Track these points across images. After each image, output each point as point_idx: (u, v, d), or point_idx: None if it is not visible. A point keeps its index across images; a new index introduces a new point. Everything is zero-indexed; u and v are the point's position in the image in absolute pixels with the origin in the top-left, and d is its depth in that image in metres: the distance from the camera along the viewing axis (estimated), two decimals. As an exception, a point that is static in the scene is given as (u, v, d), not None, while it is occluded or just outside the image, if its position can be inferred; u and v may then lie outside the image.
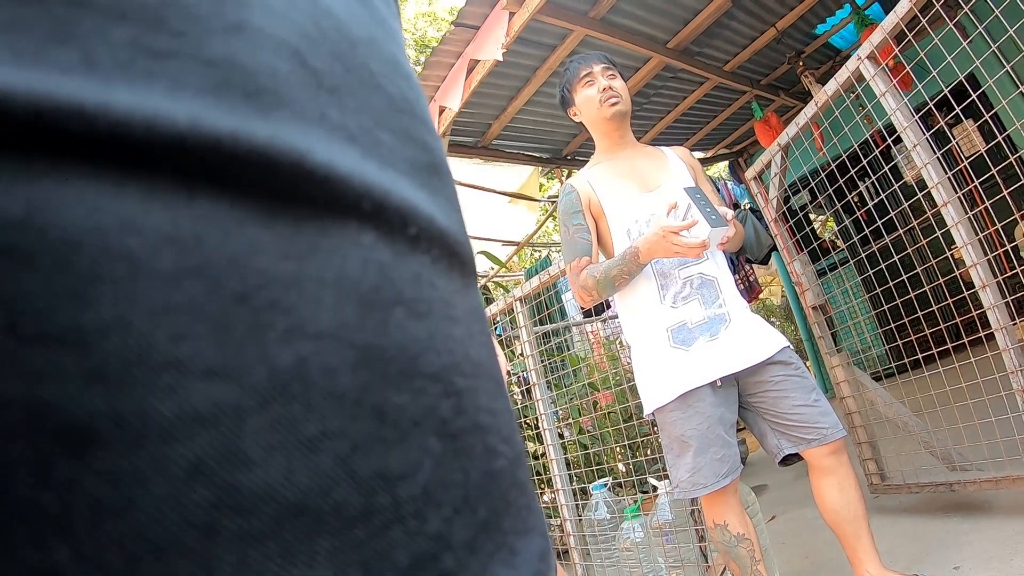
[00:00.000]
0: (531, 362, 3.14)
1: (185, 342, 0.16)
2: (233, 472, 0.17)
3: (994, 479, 2.26)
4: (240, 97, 0.18)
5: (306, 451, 0.18)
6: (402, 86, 0.25)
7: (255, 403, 0.17)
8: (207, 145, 0.17)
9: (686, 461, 1.89)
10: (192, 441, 0.16)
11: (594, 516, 2.81)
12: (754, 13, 4.31)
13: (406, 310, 0.21)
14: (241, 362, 0.17)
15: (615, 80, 2.11)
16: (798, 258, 3.01)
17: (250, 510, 0.17)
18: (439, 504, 0.20)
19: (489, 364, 0.25)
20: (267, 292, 0.18)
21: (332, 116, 0.21)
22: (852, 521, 1.90)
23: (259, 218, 0.18)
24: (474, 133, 4.78)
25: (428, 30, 14.22)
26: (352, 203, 0.20)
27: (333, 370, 0.19)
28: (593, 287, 1.96)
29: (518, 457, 0.25)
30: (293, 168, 0.19)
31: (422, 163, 0.24)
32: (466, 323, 0.24)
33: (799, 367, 1.95)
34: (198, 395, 0.16)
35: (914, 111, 2.32)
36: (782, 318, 9.67)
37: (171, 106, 0.17)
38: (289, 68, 0.20)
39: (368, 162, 0.21)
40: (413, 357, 0.21)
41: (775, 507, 3.51)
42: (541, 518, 0.25)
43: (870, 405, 2.87)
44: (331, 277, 0.19)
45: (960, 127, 5.25)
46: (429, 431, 0.21)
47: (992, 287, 2.17)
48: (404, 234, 0.22)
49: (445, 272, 0.24)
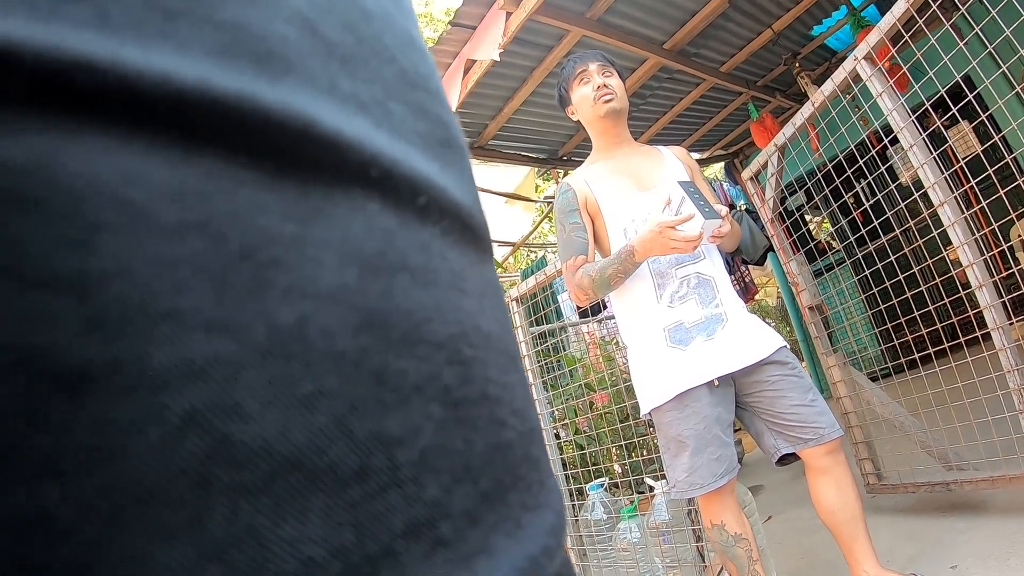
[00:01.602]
0: (527, 362, 3.14)
1: (185, 294, 0.16)
2: (227, 424, 0.17)
3: (990, 478, 2.26)
4: (250, 61, 0.19)
5: (302, 408, 0.18)
6: (416, 60, 0.25)
7: (253, 358, 0.17)
8: (214, 104, 0.17)
9: (683, 461, 1.89)
10: (188, 391, 0.16)
11: (591, 516, 2.81)
12: (750, 14, 4.32)
13: (411, 277, 0.21)
14: (240, 317, 0.17)
15: (611, 78, 2.11)
16: (794, 259, 3.01)
17: (243, 463, 0.17)
18: (438, 471, 0.20)
19: (502, 338, 0.25)
20: (269, 251, 0.18)
21: (343, 85, 0.21)
22: (849, 521, 1.90)
23: (264, 179, 0.18)
24: (470, 133, 4.78)
25: (425, 30, 14.23)
26: (359, 170, 0.20)
27: (333, 331, 0.19)
28: (589, 286, 1.96)
29: (531, 432, 0.25)
30: (300, 132, 0.19)
31: (435, 137, 0.24)
32: (478, 296, 0.24)
33: (796, 367, 1.95)
34: (196, 347, 0.16)
35: (910, 111, 2.32)
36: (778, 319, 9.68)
37: (181, 64, 0.17)
38: (300, 35, 0.20)
39: (378, 131, 0.21)
40: (417, 324, 0.21)
41: (772, 507, 3.51)
42: (557, 496, 0.25)
43: (866, 405, 2.88)
44: (334, 240, 0.19)
45: (956, 128, 5.26)
46: (431, 397, 0.21)
47: (988, 287, 2.17)
48: (413, 203, 0.22)
49: (456, 244, 0.23)
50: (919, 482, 2.57)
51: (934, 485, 2.51)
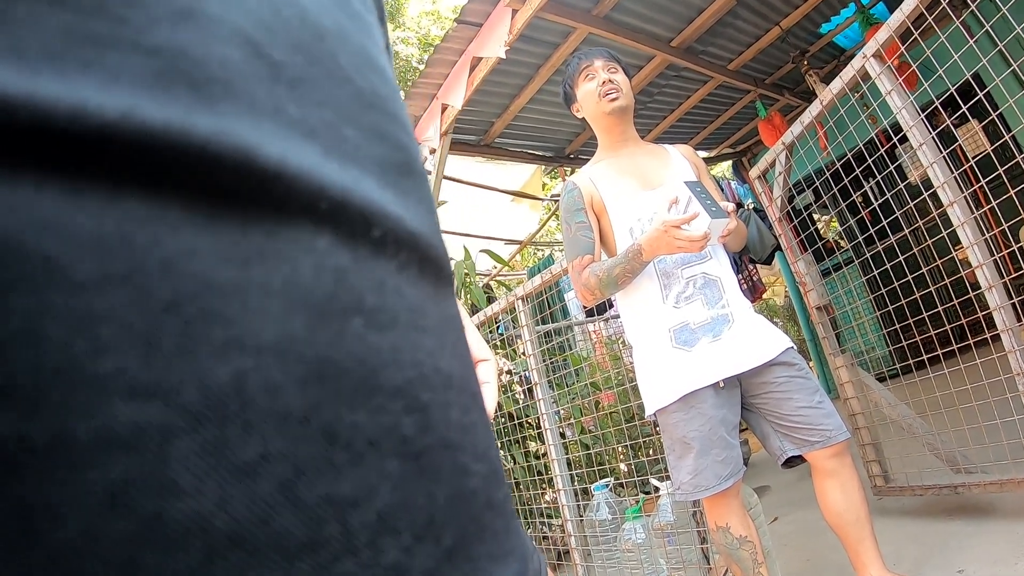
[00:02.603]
0: (533, 361, 3.13)
1: (106, 356, 0.15)
2: (157, 502, 0.15)
3: (999, 482, 2.24)
4: (184, 88, 0.17)
5: (243, 477, 0.16)
6: (374, 80, 0.24)
7: (184, 424, 0.16)
8: (139, 139, 0.16)
9: (688, 463, 1.87)
10: (111, 467, 0.15)
11: (595, 517, 2.80)
12: (759, 12, 4.30)
13: (366, 320, 0.19)
14: (169, 379, 0.16)
15: (616, 75, 2.09)
16: (802, 258, 2.99)
17: (177, 544, 0.15)
18: (397, 532, 0.19)
19: (463, 376, 0.23)
20: (202, 301, 0.16)
21: (290, 110, 0.19)
22: (855, 523, 1.88)
23: (197, 219, 0.17)
24: (477, 131, 4.77)
25: (432, 28, 14.22)
26: (307, 203, 0.19)
27: (277, 387, 0.17)
28: (596, 286, 1.94)
29: (493, 474, 0.23)
30: (239, 165, 0.17)
31: (392, 162, 0.23)
32: (437, 333, 0.22)
33: (803, 368, 1.94)
34: (120, 416, 0.15)
35: (920, 110, 2.30)
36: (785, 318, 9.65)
37: (102, 97, 0.15)
38: (243, 58, 0.19)
39: (329, 159, 0.20)
40: (372, 371, 0.19)
41: (778, 509, 3.49)
42: (520, 539, 0.24)
43: (874, 406, 2.86)
44: (278, 284, 0.18)
45: (966, 127, 5.22)
46: (388, 452, 0.19)
47: (998, 288, 2.15)
48: (367, 237, 0.20)
49: (415, 278, 0.22)
50: (926, 484, 2.55)
51: (942, 488, 2.49)
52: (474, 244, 6.16)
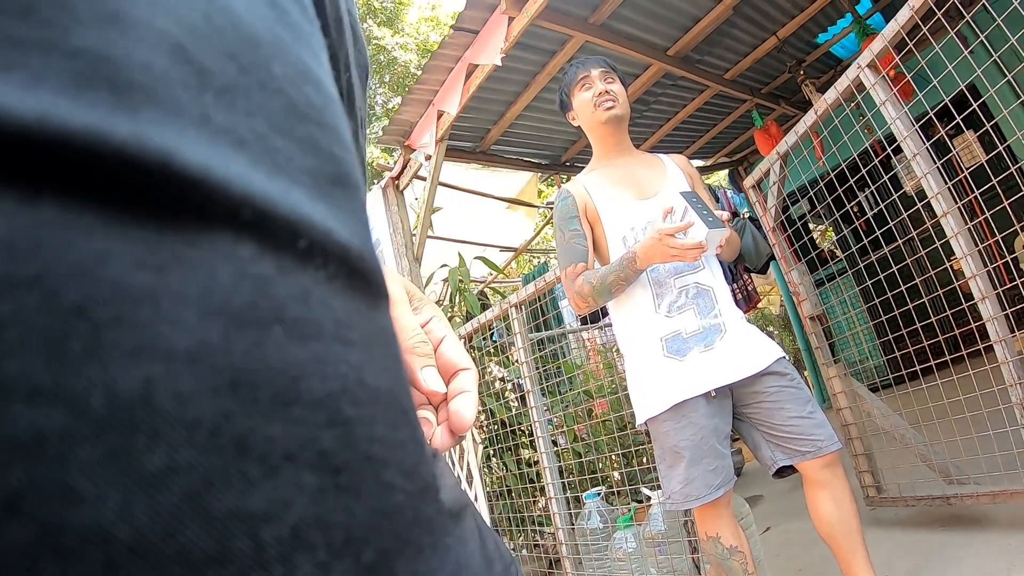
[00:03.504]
0: (526, 369, 3.13)
1: (10, 359, 0.14)
2: (56, 509, 0.15)
3: (991, 493, 2.24)
4: (105, 92, 0.17)
5: (148, 487, 0.16)
6: (308, 92, 0.23)
7: (88, 431, 0.15)
8: (55, 142, 0.16)
9: (679, 472, 1.87)
10: (9, 473, 0.14)
11: (587, 525, 2.80)
12: (755, 21, 4.31)
13: (287, 330, 0.19)
14: (74, 384, 0.15)
15: (613, 84, 2.09)
16: (796, 268, 3.00)
17: (75, 553, 0.15)
18: (313, 547, 0.18)
19: (391, 391, 0.23)
20: (113, 306, 0.16)
21: (217, 118, 0.19)
22: (847, 534, 1.87)
23: (112, 224, 0.16)
24: (472, 138, 4.78)
25: (431, 35, 14.26)
26: (229, 211, 0.18)
27: (187, 396, 0.17)
28: (589, 293, 1.94)
29: (423, 491, 0.23)
30: (158, 170, 0.17)
31: (325, 174, 0.22)
32: (365, 347, 0.22)
33: (794, 378, 1.93)
34: (20, 420, 0.14)
35: (914, 120, 2.31)
36: (780, 328, 9.67)
37: (20, 99, 0.15)
38: (168, 64, 0.18)
39: (256, 169, 0.19)
40: (291, 382, 0.19)
41: (769, 519, 3.49)
42: (453, 555, 0.24)
43: (867, 417, 2.85)
44: (195, 291, 0.17)
45: (961, 137, 5.24)
46: (305, 465, 0.19)
47: (991, 299, 2.15)
48: (292, 247, 0.20)
49: (343, 290, 0.22)
50: (919, 495, 2.55)
51: (934, 499, 2.48)
52: (469, 251, 6.16)
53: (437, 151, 4.07)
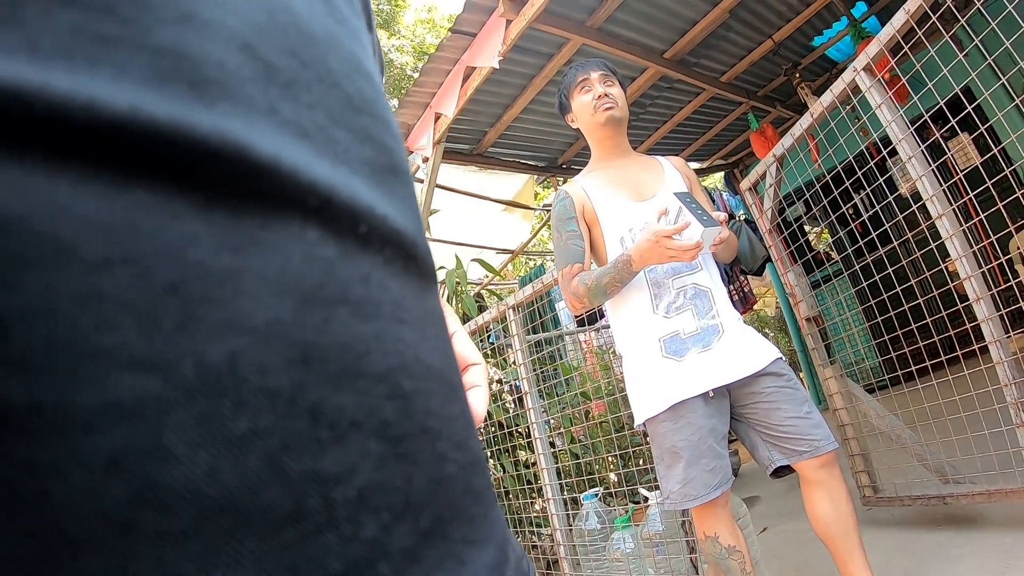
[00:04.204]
0: (523, 371, 3.13)
1: (110, 331, 0.16)
2: (154, 467, 0.16)
3: (987, 492, 2.25)
4: (185, 87, 0.18)
5: (233, 449, 0.17)
6: (362, 85, 0.25)
7: (181, 397, 0.17)
8: (145, 133, 0.17)
9: (677, 472, 1.87)
10: (112, 434, 0.15)
11: (584, 526, 2.80)
12: (751, 25, 4.33)
13: (351, 309, 0.20)
14: (168, 354, 0.16)
15: (612, 87, 2.10)
16: (792, 269, 3.01)
17: (170, 507, 0.16)
18: (377, 509, 0.20)
19: (443, 368, 0.24)
20: (201, 284, 0.17)
21: (283, 111, 0.20)
22: (844, 534, 1.88)
23: (196, 209, 0.18)
24: (469, 140, 4.78)
25: (427, 37, 14.26)
26: (297, 198, 0.20)
27: (267, 367, 0.18)
28: (585, 294, 1.95)
29: (473, 464, 0.24)
30: (235, 160, 0.18)
31: (379, 164, 0.24)
32: (419, 326, 0.23)
33: (791, 379, 1.94)
34: (121, 386, 0.16)
35: (910, 123, 2.32)
36: (776, 329, 9.69)
37: (111, 92, 0.16)
38: (239, 60, 0.20)
39: (319, 159, 0.21)
40: (357, 357, 0.20)
41: (767, 519, 3.50)
42: (500, 528, 0.25)
43: (863, 417, 2.86)
44: (270, 272, 0.19)
45: (955, 140, 5.26)
46: (370, 433, 0.20)
47: (986, 299, 2.16)
48: (353, 232, 0.21)
49: (399, 273, 0.23)
50: (915, 495, 2.56)
51: (930, 498, 2.49)
52: (466, 253, 6.16)
53: (434, 153, 4.08)
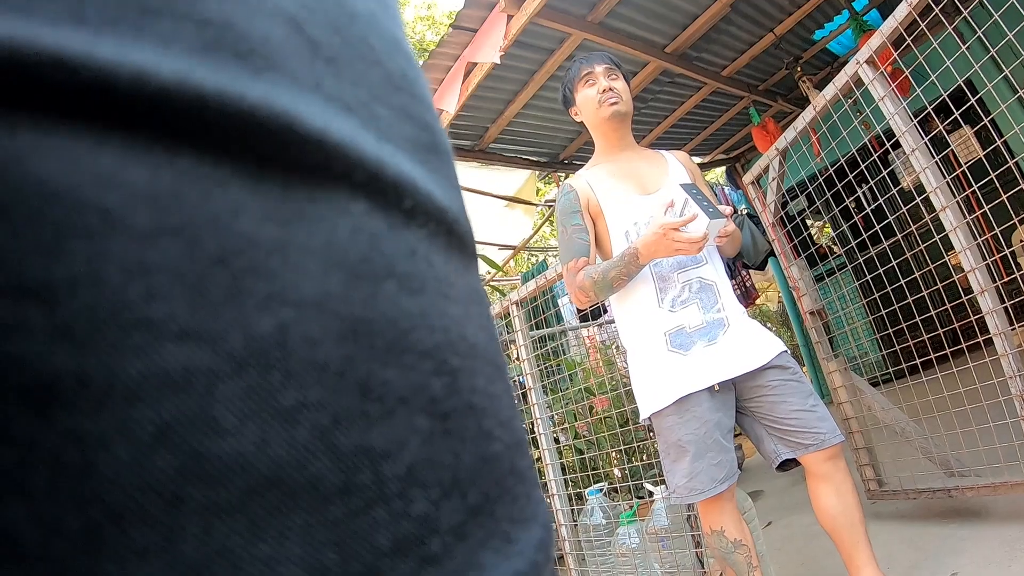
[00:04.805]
0: (527, 366, 3.13)
1: (158, 302, 0.16)
2: (202, 439, 0.16)
3: (992, 485, 2.25)
4: (231, 58, 0.18)
5: (282, 421, 0.17)
6: (402, 63, 0.25)
7: (229, 368, 0.16)
8: (193, 102, 0.17)
9: (683, 466, 1.88)
10: (160, 405, 0.15)
11: (589, 521, 2.80)
12: (752, 18, 4.31)
13: (398, 284, 0.20)
14: (216, 325, 0.16)
15: (617, 81, 2.10)
16: (795, 263, 3.01)
17: (218, 480, 0.16)
18: (426, 485, 0.20)
19: (488, 347, 0.24)
20: (248, 255, 0.17)
21: (328, 85, 0.20)
22: (849, 527, 1.88)
23: (244, 180, 0.18)
24: (471, 136, 4.78)
25: (427, 34, 14.24)
26: (344, 171, 0.20)
27: (315, 340, 0.18)
28: (591, 288, 1.95)
29: (518, 444, 0.24)
30: (283, 132, 0.18)
31: (421, 141, 0.24)
32: (464, 303, 0.23)
33: (796, 372, 1.94)
34: (169, 357, 0.16)
35: (912, 116, 2.32)
36: (778, 324, 9.68)
37: (158, 61, 0.16)
38: (285, 34, 0.20)
39: (365, 133, 0.21)
40: (403, 332, 0.20)
41: (772, 513, 3.50)
42: (544, 509, 0.25)
43: (867, 411, 2.86)
44: (317, 244, 0.19)
45: (958, 132, 5.26)
46: (417, 409, 0.20)
47: (990, 292, 2.16)
48: (399, 207, 0.21)
49: (443, 249, 0.23)
50: (920, 488, 2.56)
51: (935, 491, 2.49)
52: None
53: (436, 150, 4.07)
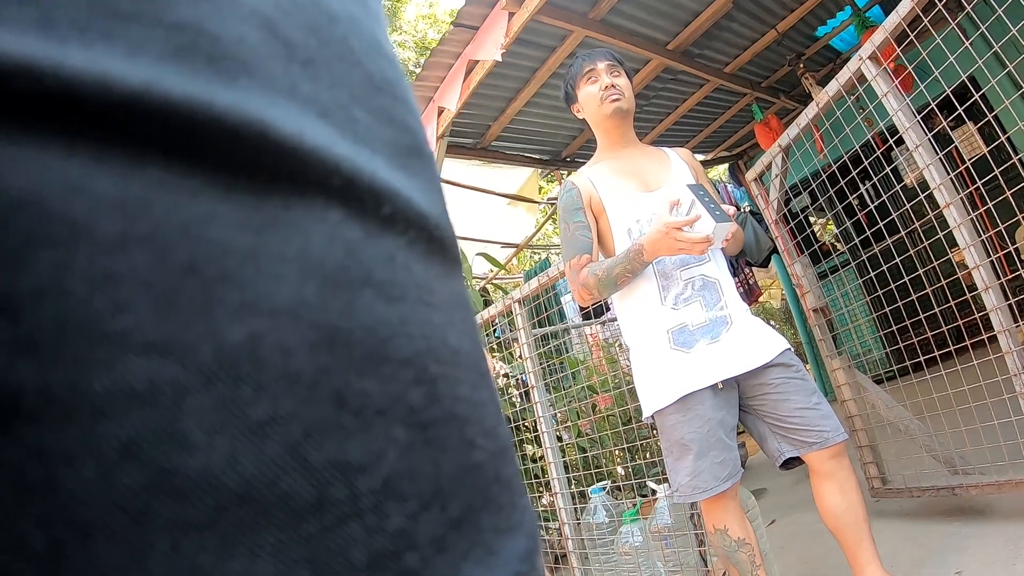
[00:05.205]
0: (530, 364, 3.13)
1: (125, 313, 0.15)
2: (169, 455, 0.16)
3: (996, 483, 2.24)
4: (203, 63, 0.18)
5: (253, 436, 0.17)
6: (382, 65, 0.24)
7: (198, 382, 0.16)
8: (161, 109, 0.16)
9: (686, 465, 1.87)
10: (126, 420, 0.15)
11: (592, 520, 2.80)
12: (754, 15, 4.31)
13: (375, 291, 0.20)
14: (185, 337, 0.16)
15: (619, 78, 2.09)
16: (799, 260, 3.00)
17: (186, 496, 0.16)
18: (404, 498, 0.19)
19: (471, 353, 0.24)
20: (220, 264, 0.17)
21: (304, 89, 0.20)
22: (853, 525, 1.88)
23: (216, 187, 0.17)
24: (473, 134, 4.77)
25: (428, 32, 14.23)
26: (320, 178, 0.19)
27: (289, 350, 0.18)
28: (594, 285, 1.94)
29: (502, 451, 0.24)
30: (255, 138, 0.18)
31: (401, 144, 0.24)
32: (446, 310, 0.23)
33: (800, 370, 1.94)
34: (135, 371, 0.15)
35: (916, 112, 2.31)
36: (781, 321, 9.67)
37: (126, 68, 0.16)
38: (259, 37, 0.19)
39: (342, 138, 0.20)
40: (382, 341, 0.20)
41: (775, 511, 3.49)
42: (529, 516, 0.24)
43: (871, 408, 2.86)
44: (292, 252, 0.18)
45: (962, 129, 5.24)
46: (395, 419, 0.20)
47: (995, 289, 2.15)
48: (377, 214, 0.21)
49: (423, 256, 0.23)
50: (924, 486, 2.56)
51: (939, 489, 2.49)
52: (470, 247, 6.16)
53: (437, 148, 4.07)
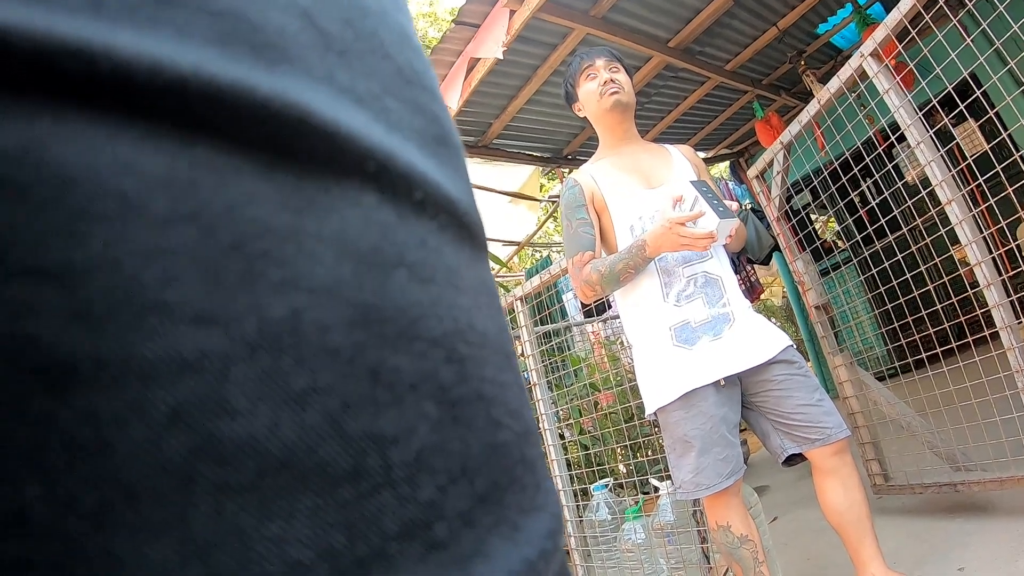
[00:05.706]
0: (531, 362, 3.13)
1: (174, 286, 0.16)
2: (215, 421, 0.16)
3: (998, 479, 2.24)
4: (246, 50, 0.19)
5: (294, 405, 0.17)
6: (411, 57, 0.25)
7: (243, 352, 0.17)
8: (208, 93, 0.17)
9: (689, 462, 1.87)
10: (174, 386, 0.16)
11: (595, 517, 2.80)
12: (756, 12, 4.31)
13: (408, 273, 0.21)
14: (231, 310, 0.17)
15: (618, 73, 2.09)
16: (800, 257, 3.00)
17: (230, 461, 0.16)
18: (434, 471, 0.20)
19: (497, 336, 0.25)
20: (262, 242, 0.18)
21: (340, 77, 0.21)
22: (856, 522, 1.88)
23: (258, 169, 0.18)
24: (474, 132, 4.78)
25: (429, 31, 14.23)
26: (355, 162, 0.20)
27: (327, 326, 0.18)
28: (597, 282, 1.94)
29: (526, 433, 0.25)
30: (296, 122, 0.19)
31: (431, 133, 0.24)
32: (473, 293, 0.24)
33: (802, 366, 1.94)
34: (184, 340, 0.16)
35: (917, 109, 2.31)
36: (783, 318, 9.67)
37: (175, 52, 0.17)
38: (298, 26, 0.20)
39: (375, 126, 0.21)
40: (413, 320, 0.21)
41: (778, 508, 3.50)
42: (553, 498, 0.25)
43: (873, 405, 2.86)
44: (329, 233, 0.19)
45: (963, 126, 5.24)
46: (426, 396, 0.20)
47: (996, 285, 2.15)
48: (409, 198, 0.22)
49: (452, 240, 0.23)
50: (926, 483, 2.56)
51: (941, 486, 2.49)
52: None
53: (439, 146, 4.07)
